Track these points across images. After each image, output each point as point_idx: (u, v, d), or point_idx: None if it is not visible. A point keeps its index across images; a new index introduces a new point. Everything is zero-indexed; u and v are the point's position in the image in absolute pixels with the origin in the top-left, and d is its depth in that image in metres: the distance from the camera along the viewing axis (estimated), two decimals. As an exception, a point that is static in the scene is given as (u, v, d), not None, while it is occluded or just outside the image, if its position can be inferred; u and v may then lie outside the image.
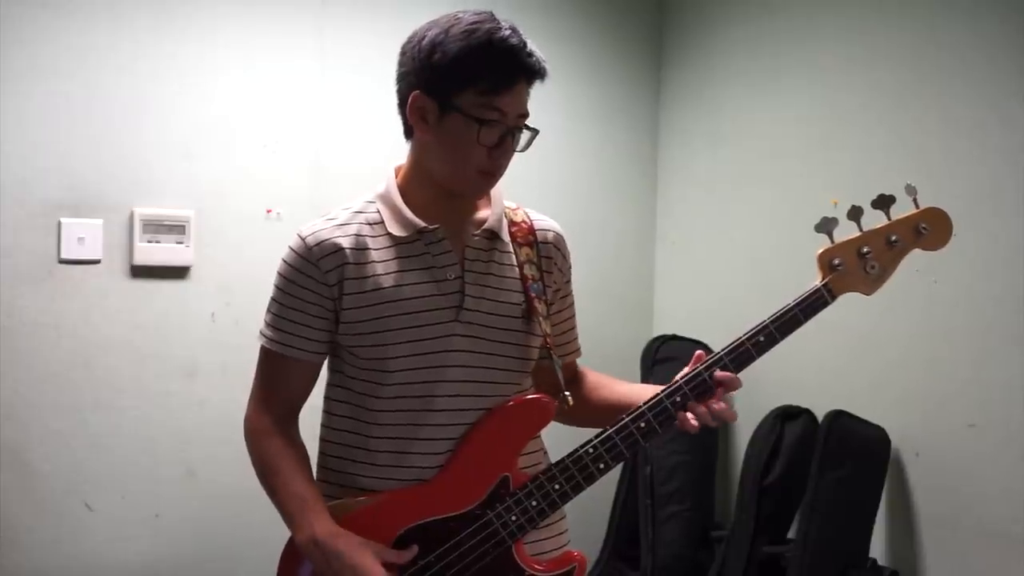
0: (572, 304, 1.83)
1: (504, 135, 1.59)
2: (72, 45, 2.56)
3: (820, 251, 1.67)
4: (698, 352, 1.65)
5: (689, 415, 1.60)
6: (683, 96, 3.36)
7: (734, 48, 3.18)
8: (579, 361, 1.89)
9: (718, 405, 1.60)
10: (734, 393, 1.63)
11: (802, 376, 2.82)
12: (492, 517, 1.60)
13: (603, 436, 1.61)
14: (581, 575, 1.67)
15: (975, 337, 2.46)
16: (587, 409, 1.76)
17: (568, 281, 1.80)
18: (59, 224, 2.56)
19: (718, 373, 1.61)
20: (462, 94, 1.56)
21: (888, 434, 2.60)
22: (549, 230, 1.76)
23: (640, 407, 1.61)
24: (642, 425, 1.61)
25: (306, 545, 1.57)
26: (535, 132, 1.64)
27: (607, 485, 3.11)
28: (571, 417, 1.76)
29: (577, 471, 1.61)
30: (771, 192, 3.02)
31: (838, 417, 2.60)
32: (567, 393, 1.69)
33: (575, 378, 1.85)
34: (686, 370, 1.63)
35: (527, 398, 1.67)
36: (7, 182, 2.51)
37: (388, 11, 2.90)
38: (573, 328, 1.85)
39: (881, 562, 2.62)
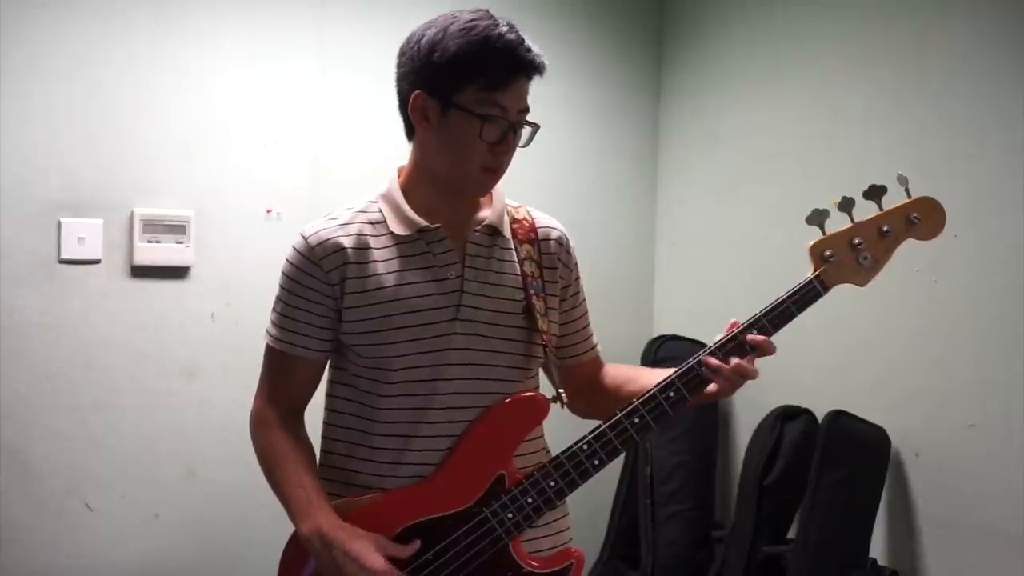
0: (584, 301, 1.83)
1: (506, 131, 1.60)
2: (72, 45, 2.56)
3: (812, 243, 1.66)
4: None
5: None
6: (683, 97, 3.36)
7: (734, 49, 3.18)
8: None
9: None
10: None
11: (802, 376, 2.81)
12: (488, 514, 1.60)
13: (598, 432, 1.62)
14: (579, 571, 1.67)
15: (975, 337, 2.46)
16: (612, 403, 1.72)
17: (577, 279, 1.80)
18: (59, 224, 2.56)
19: (710, 361, 1.61)
20: (463, 91, 1.57)
21: (888, 434, 2.59)
22: (552, 228, 1.77)
23: (634, 402, 1.62)
24: (636, 420, 1.61)
25: (310, 537, 1.57)
26: (536, 127, 1.64)
27: (607, 485, 3.11)
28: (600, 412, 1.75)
29: (572, 467, 1.62)
30: (771, 192, 3.02)
31: (838, 417, 2.60)
32: (562, 391, 1.69)
33: (599, 374, 1.84)
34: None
35: (521, 396, 1.67)
36: (7, 182, 2.51)
37: (388, 11, 2.90)
38: (587, 326, 1.84)
39: (881, 562, 2.61)
